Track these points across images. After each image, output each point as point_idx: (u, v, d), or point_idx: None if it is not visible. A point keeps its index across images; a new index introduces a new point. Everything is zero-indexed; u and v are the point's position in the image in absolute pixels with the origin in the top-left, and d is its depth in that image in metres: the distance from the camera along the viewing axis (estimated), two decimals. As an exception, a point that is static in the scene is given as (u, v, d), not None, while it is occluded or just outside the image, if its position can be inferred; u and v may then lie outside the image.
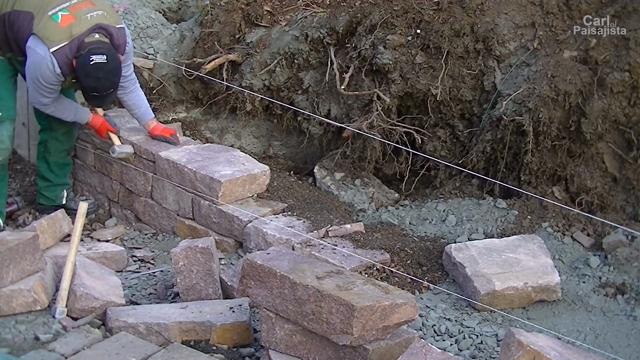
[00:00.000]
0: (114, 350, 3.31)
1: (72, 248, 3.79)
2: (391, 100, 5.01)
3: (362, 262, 4.14)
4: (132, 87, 4.85)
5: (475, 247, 4.28)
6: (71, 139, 5.07)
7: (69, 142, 5.07)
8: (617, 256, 4.28)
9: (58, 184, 5.05)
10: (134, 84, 4.86)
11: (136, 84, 4.90)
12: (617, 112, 4.59)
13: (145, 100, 4.99)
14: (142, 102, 4.95)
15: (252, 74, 5.42)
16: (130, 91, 4.84)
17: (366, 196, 5.11)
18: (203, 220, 4.70)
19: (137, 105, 4.93)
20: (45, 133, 4.98)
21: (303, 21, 5.36)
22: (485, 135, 4.88)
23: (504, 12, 4.93)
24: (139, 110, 4.95)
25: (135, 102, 4.91)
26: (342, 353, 3.10)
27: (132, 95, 4.87)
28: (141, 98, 4.94)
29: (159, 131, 4.99)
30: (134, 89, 4.87)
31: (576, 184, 4.73)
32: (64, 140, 5.01)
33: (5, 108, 4.62)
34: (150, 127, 4.99)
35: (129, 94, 4.85)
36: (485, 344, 3.70)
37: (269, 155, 5.62)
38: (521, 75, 4.82)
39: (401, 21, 5.06)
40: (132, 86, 4.85)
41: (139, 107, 4.94)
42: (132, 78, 4.84)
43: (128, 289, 4.14)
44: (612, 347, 3.77)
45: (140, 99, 4.93)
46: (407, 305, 3.10)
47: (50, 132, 4.95)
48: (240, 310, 3.64)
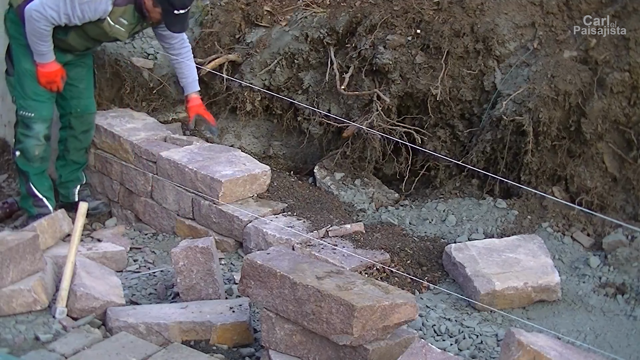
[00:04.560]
0: (114, 350, 3.31)
1: (72, 248, 3.79)
2: (391, 100, 5.02)
3: (362, 262, 4.14)
4: (188, 54, 4.99)
5: (475, 247, 4.28)
6: (89, 137, 5.11)
7: (87, 140, 5.10)
8: (617, 256, 4.28)
9: (67, 181, 5.10)
10: (189, 51, 5.01)
11: (190, 53, 5.03)
12: (617, 112, 4.59)
13: (195, 73, 5.07)
14: (192, 72, 5.04)
15: (252, 74, 5.42)
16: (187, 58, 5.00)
17: (366, 196, 5.11)
18: (203, 220, 4.70)
19: (185, 75, 5.02)
20: (65, 131, 5.03)
21: (303, 21, 5.36)
22: (485, 135, 4.88)
23: (504, 12, 4.93)
24: (187, 80, 5.04)
25: (184, 72, 5.01)
26: (342, 353, 3.10)
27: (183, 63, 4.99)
28: (192, 68, 5.04)
29: (203, 110, 5.09)
30: (189, 57, 5.01)
31: (576, 184, 4.73)
32: (83, 139, 5.05)
33: (37, 108, 4.69)
34: (191, 99, 5.06)
35: (181, 62, 4.98)
36: (485, 344, 3.70)
37: (269, 155, 5.62)
38: (521, 75, 4.82)
39: (401, 21, 5.07)
40: (188, 54, 5.00)
41: (187, 76, 5.03)
42: (188, 45, 5.00)
43: (128, 289, 4.14)
44: (612, 347, 3.77)
45: (191, 69, 5.03)
46: (407, 305, 3.10)
47: (70, 131, 5.00)
48: (240, 310, 3.64)
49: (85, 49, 4.79)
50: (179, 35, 4.88)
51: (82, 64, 4.92)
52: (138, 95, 5.64)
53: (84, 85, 4.96)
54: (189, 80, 5.04)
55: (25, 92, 4.68)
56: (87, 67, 4.99)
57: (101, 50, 5.57)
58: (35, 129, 4.71)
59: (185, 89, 5.09)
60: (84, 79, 4.95)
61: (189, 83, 5.04)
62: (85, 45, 4.73)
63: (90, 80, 5.03)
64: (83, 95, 4.96)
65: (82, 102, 4.97)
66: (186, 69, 5.01)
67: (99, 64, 5.61)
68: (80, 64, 4.91)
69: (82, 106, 4.97)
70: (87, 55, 4.96)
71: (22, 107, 4.72)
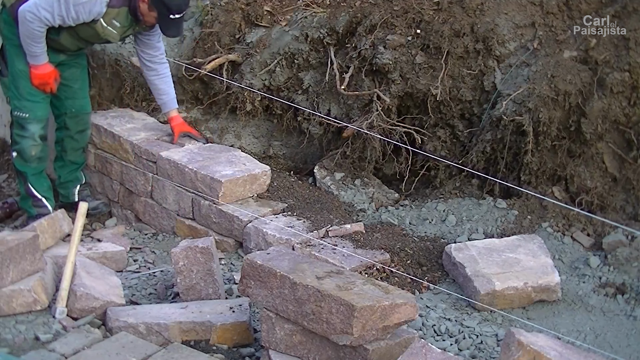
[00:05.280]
0: (114, 350, 3.31)
1: (72, 248, 3.79)
2: (391, 100, 5.02)
3: (362, 262, 4.14)
4: (165, 71, 4.96)
5: (475, 247, 4.28)
6: (86, 137, 5.11)
7: (84, 140, 5.10)
8: (617, 256, 4.28)
9: (66, 181, 5.10)
10: (167, 67, 4.98)
11: (168, 69, 5.00)
12: (617, 112, 4.58)
13: (173, 89, 5.06)
14: (171, 89, 5.03)
15: (252, 74, 5.42)
16: (164, 75, 4.96)
17: (366, 196, 5.11)
18: (203, 220, 4.70)
19: (165, 92, 4.99)
20: (61, 132, 5.03)
21: (303, 21, 5.36)
22: (485, 135, 4.88)
23: (504, 12, 4.93)
24: (167, 97, 5.01)
25: (164, 88, 4.98)
26: (342, 353, 3.10)
27: (164, 79, 4.96)
28: (171, 84, 5.02)
29: (187, 127, 5.09)
30: (168, 73, 4.99)
31: (576, 184, 4.73)
32: (79, 139, 5.05)
33: (32, 109, 4.68)
34: (174, 117, 5.05)
35: (161, 78, 4.95)
36: (485, 344, 3.70)
37: (269, 155, 5.62)
38: (521, 75, 4.82)
39: (401, 21, 5.06)
40: (167, 70, 4.97)
41: (167, 93, 5.00)
42: (166, 61, 4.97)
43: (128, 289, 4.14)
44: (612, 347, 3.77)
45: (170, 85, 5.02)
46: (407, 305, 3.10)
47: (66, 131, 5.00)
48: (240, 310, 3.64)
49: (77, 49, 4.78)
50: (160, 47, 4.87)
51: (76, 64, 4.92)
52: (138, 95, 5.64)
53: (79, 85, 4.96)
54: (170, 97, 5.01)
55: (19, 93, 4.67)
56: (81, 67, 4.98)
57: (101, 50, 5.57)
58: (31, 129, 4.71)
59: (164, 107, 5.05)
60: (78, 79, 4.95)
61: (170, 100, 5.01)
62: (77, 46, 4.73)
63: (85, 80, 5.02)
64: (78, 96, 4.96)
65: (77, 102, 4.97)
66: (166, 85, 4.98)
67: (99, 64, 5.62)
68: (74, 64, 4.90)
69: (77, 106, 4.97)
70: (81, 56, 4.95)
71: (16, 107, 4.71)
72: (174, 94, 5.04)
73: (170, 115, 5.05)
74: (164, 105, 5.04)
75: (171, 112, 5.04)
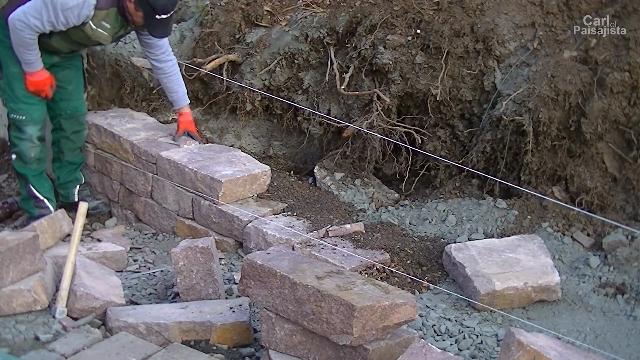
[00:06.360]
0: (114, 350, 3.31)
1: (72, 248, 3.79)
2: (391, 100, 5.02)
3: (362, 262, 4.14)
4: (172, 69, 4.94)
5: (475, 247, 4.28)
6: (82, 137, 5.11)
7: (80, 140, 5.10)
8: (617, 256, 4.28)
9: (65, 182, 5.10)
10: (175, 64, 4.96)
11: (177, 66, 4.98)
12: (617, 112, 4.59)
13: (184, 86, 5.04)
14: (182, 85, 5.02)
15: (252, 74, 5.42)
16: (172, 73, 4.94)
17: (366, 196, 5.11)
18: (203, 220, 4.70)
19: (174, 90, 4.99)
20: (57, 133, 5.03)
21: (303, 21, 5.36)
22: (485, 135, 4.88)
23: (504, 12, 4.93)
24: (177, 94, 5.00)
25: (173, 86, 4.98)
26: (342, 353, 3.10)
27: (171, 77, 4.94)
28: (181, 81, 5.01)
29: (192, 127, 5.09)
30: (176, 70, 4.97)
31: (576, 184, 4.73)
32: (75, 139, 5.05)
33: (28, 111, 4.68)
34: (184, 113, 5.05)
35: (169, 76, 4.93)
36: (485, 344, 3.70)
37: (269, 155, 5.62)
38: (521, 75, 4.82)
39: (401, 21, 5.07)
40: (175, 67, 4.95)
41: (176, 91, 4.99)
42: (174, 58, 4.95)
43: (128, 289, 4.14)
44: (612, 347, 3.77)
45: (180, 82, 5.01)
46: (407, 305, 3.10)
47: (62, 132, 5.01)
48: (240, 310, 3.64)
49: (70, 51, 4.78)
50: (163, 45, 4.84)
51: (70, 65, 4.91)
52: (138, 95, 5.65)
53: (73, 87, 4.95)
54: (179, 95, 5.00)
55: (15, 95, 4.66)
56: (76, 69, 4.97)
57: (101, 51, 5.57)
58: (28, 131, 4.71)
59: (175, 104, 5.05)
60: (72, 81, 4.94)
61: (179, 98, 5.01)
62: (69, 48, 4.72)
63: (80, 81, 5.01)
64: (72, 97, 4.96)
65: (72, 103, 4.97)
66: (175, 83, 4.97)
67: (99, 64, 5.62)
68: (69, 65, 4.89)
69: (71, 108, 4.97)
70: (75, 57, 4.95)
71: (13, 110, 4.71)
72: (184, 91, 5.03)
73: (181, 111, 5.07)
74: (174, 102, 5.06)
75: (182, 108, 5.06)
